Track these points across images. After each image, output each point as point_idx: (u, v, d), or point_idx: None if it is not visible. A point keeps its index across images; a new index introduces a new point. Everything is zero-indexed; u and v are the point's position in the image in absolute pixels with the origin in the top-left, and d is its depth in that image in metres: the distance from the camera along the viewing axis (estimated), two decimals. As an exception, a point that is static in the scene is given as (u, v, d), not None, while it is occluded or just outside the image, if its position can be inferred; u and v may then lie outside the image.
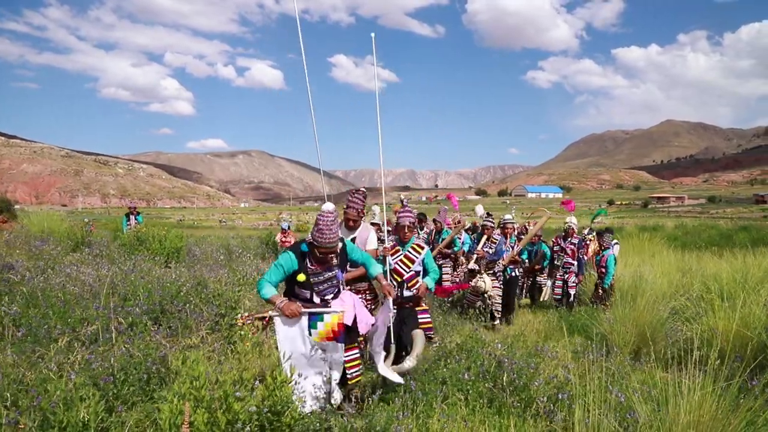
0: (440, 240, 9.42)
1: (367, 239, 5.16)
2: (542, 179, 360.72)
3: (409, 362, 4.35)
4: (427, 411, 3.74)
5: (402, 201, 5.72)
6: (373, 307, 5.21)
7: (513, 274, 8.54)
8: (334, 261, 4.03)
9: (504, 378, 4.19)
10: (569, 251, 9.19)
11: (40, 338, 4.41)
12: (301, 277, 3.93)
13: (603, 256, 8.82)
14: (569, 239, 9.27)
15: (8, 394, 3.33)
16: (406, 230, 5.22)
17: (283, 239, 15.04)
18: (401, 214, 5.28)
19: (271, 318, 3.90)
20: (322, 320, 3.92)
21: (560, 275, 9.25)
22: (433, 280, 5.24)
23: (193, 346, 4.43)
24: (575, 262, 9.22)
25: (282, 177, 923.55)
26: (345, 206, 5.17)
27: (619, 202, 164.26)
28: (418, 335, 4.64)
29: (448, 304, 7.94)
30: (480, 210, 9.19)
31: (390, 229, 5.83)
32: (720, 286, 6.04)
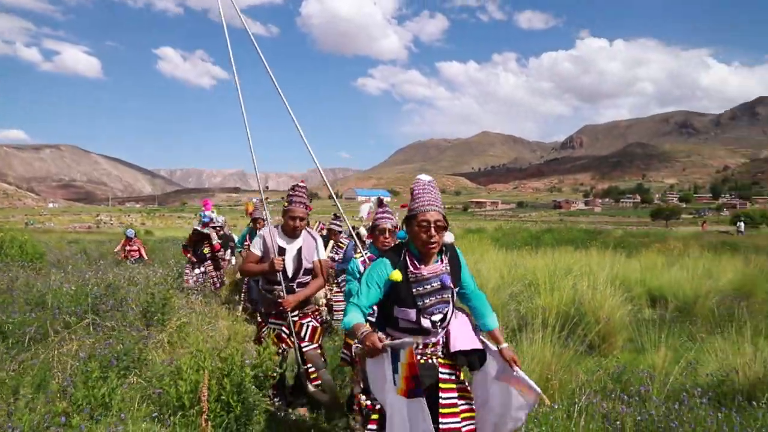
0: None
1: (316, 247, 4.38)
2: (372, 183, 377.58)
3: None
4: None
5: (380, 200, 4.62)
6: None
7: None
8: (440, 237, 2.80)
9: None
10: None
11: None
12: (396, 276, 2.77)
13: None
14: None
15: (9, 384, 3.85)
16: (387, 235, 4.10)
17: (130, 249, 12.54)
18: (381, 216, 4.15)
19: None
20: (398, 359, 2.59)
21: None
22: None
23: (147, 336, 5.08)
24: None
25: (97, 175, 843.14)
26: (286, 204, 4.24)
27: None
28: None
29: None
30: (365, 210, 6.38)
31: (362, 237, 5.43)
32: (544, 276, 8.10)
